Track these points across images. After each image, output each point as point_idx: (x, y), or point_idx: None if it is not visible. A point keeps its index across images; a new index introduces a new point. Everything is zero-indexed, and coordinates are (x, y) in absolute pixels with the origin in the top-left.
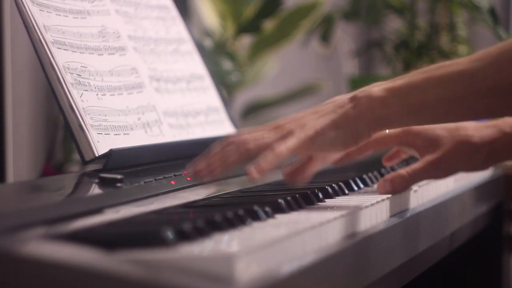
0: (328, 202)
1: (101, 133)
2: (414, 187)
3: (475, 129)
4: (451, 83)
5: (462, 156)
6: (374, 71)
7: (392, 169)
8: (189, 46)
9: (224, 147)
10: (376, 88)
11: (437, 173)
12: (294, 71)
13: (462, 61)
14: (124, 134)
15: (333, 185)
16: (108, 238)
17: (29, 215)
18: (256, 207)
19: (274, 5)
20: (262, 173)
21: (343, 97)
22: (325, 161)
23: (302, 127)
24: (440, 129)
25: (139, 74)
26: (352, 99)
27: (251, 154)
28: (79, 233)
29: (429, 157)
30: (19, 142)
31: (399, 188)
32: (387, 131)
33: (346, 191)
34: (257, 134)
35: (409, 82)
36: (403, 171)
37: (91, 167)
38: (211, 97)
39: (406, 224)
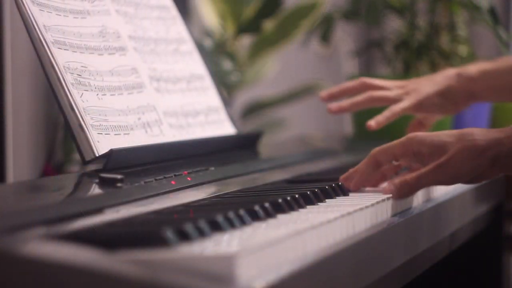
0: (329, 202)
1: (101, 133)
2: None
3: (481, 133)
4: None
5: (468, 160)
6: (374, 71)
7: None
8: (189, 46)
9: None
10: (471, 67)
11: (443, 178)
12: (294, 71)
13: None
14: (124, 134)
15: (333, 185)
16: (108, 238)
17: (29, 215)
18: (256, 207)
19: (274, 5)
20: (379, 124)
21: (452, 70)
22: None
23: (415, 91)
24: (445, 135)
25: (139, 74)
26: (457, 75)
27: (374, 99)
28: (79, 233)
29: (434, 162)
30: (19, 142)
31: (404, 194)
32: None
33: (347, 191)
34: (386, 86)
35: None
36: (408, 177)
37: (91, 167)
38: (211, 97)
39: (406, 224)
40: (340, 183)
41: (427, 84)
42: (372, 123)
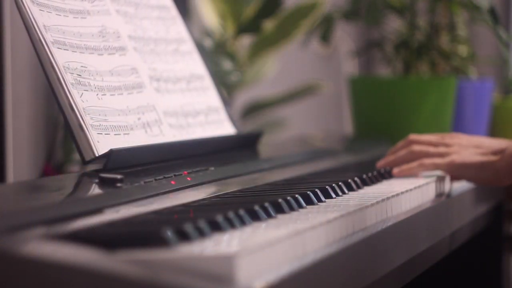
0: (329, 202)
1: (101, 133)
2: (412, 186)
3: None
4: None
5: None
6: (374, 71)
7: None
8: (189, 46)
9: (402, 146)
10: None
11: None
12: (294, 71)
13: None
14: (124, 134)
15: (333, 185)
16: (108, 238)
17: (29, 215)
18: (256, 207)
19: (274, 5)
20: (402, 174)
21: (500, 144)
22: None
23: (457, 154)
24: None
25: (139, 74)
26: (502, 151)
27: (414, 155)
28: (79, 233)
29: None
30: (19, 142)
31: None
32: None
33: (346, 191)
34: (426, 141)
35: None
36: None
37: (91, 167)
38: (211, 97)
39: (406, 224)
40: (340, 183)
41: (473, 153)
42: (396, 171)
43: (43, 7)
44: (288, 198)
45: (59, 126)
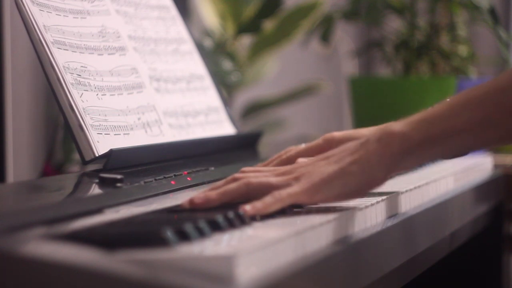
0: None
1: (101, 133)
2: (412, 186)
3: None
4: (480, 104)
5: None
6: (374, 71)
7: None
8: (189, 46)
9: (226, 181)
10: (396, 124)
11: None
12: (294, 71)
13: (487, 82)
14: (124, 134)
15: None
16: (108, 238)
17: (29, 215)
18: None
19: (274, 5)
20: (257, 213)
21: (355, 143)
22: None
23: (309, 174)
24: (366, 130)
25: (139, 74)
26: (365, 143)
27: (250, 189)
28: (79, 233)
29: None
30: (19, 142)
31: None
32: (303, 145)
33: None
34: (262, 173)
35: (433, 112)
36: None
37: (91, 167)
38: (211, 97)
39: (406, 224)
40: None
41: (324, 164)
42: (249, 209)
43: (43, 7)
44: None
45: (59, 126)
